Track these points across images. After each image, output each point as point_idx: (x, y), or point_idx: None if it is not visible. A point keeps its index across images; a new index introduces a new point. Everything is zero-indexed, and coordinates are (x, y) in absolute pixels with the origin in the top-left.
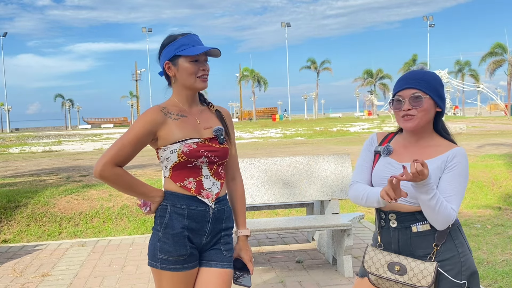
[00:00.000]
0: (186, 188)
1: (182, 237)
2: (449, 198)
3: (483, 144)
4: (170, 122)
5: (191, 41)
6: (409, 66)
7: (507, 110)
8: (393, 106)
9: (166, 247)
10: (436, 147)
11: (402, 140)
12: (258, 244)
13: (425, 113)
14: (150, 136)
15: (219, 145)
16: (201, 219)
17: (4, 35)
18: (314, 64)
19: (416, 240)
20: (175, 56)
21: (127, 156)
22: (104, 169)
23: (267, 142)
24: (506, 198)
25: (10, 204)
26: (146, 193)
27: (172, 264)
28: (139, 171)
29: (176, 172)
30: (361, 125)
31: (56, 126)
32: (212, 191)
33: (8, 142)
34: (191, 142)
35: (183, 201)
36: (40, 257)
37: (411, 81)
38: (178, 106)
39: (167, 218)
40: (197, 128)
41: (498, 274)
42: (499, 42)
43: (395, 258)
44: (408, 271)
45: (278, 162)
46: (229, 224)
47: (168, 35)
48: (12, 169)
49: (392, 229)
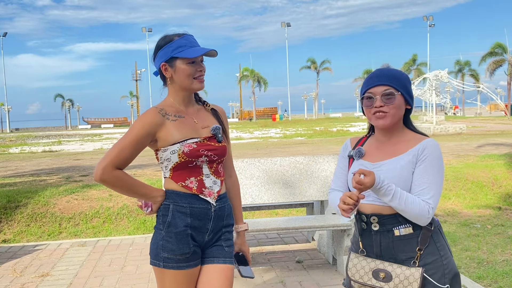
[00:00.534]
0: (187, 187)
1: (185, 235)
2: (422, 191)
3: (483, 144)
4: (168, 124)
5: (188, 42)
6: (409, 66)
7: (507, 110)
8: (363, 104)
9: (170, 246)
10: (406, 142)
11: (375, 141)
12: (258, 244)
13: (396, 110)
14: (149, 138)
15: (217, 144)
16: (204, 217)
17: (4, 35)
18: (314, 64)
19: (399, 244)
20: (172, 58)
21: (126, 158)
22: (104, 172)
23: (267, 142)
24: (506, 198)
25: (10, 204)
26: (147, 194)
27: (175, 263)
28: (139, 171)
29: (177, 173)
30: (361, 125)
31: (56, 126)
32: (214, 189)
33: (8, 142)
34: (191, 142)
35: (185, 200)
36: (40, 257)
37: (382, 78)
38: (175, 107)
39: (170, 217)
40: (195, 128)
41: (498, 274)
42: (499, 42)
43: (380, 264)
44: (393, 278)
45: (278, 162)
46: (230, 221)
47: (163, 35)
48: (12, 169)
49: (374, 232)
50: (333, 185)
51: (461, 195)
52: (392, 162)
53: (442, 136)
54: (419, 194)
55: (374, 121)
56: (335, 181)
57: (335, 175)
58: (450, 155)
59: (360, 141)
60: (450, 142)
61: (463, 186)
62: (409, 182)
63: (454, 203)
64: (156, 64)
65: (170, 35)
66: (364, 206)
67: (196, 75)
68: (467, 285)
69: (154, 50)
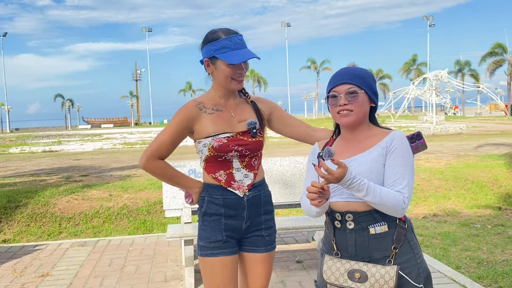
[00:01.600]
0: (217, 179)
1: (218, 223)
2: (395, 181)
3: (483, 144)
4: (204, 117)
5: (232, 44)
6: (409, 66)
7: (507, 110)
8: (329, 103)
9: (205, 234)
10: (373, 137)
11: (342, 140)
12: None
13: (360, 108)
14: (187, 131)
15: (251, 139)
16: (237, 206)
17: (4, 35)
18: (314, 64)
19: (374, 242)
20: (214, 57)
21: (167, 150)
22: (147, 163)
23: (267, 142)
24: (506, 198)
25: (10, 204)
26: (186, 184)
27: (209, 250)
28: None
29: (209, 164)
30: None
31: (56, 126)
32: (244, 183)
33: (8, 142)
34: (222, 136)
35: (217, 192)
36: (40, 257)
37: (346, 76)
38: (215, 100)
39: (205, 207)
40: (231, 122)
41: (498, 274)
42: (499, 42)
43: (355, 265)
44: (369, 277)
45: (278, 162)
46: (269, 207)
47: (213, 30)
48: (12, 169)
49: (348, 230)
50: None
51: (461, 195)
52: (361, 156)
53: (442, 136)
54: (392, 185)
55: (339, 119)
56: (305, 186)
57: (306, 179)
58: (450, 155)
59: (328, 143)
60: (450, 142)
61: (463, 186)
62: (381, 175)
63: (454, 203)
64: (202, 55)
65: (217, 31)
66: (338, 204)
67: (235, 76)
68: (467, 285)
69: (202, 41)
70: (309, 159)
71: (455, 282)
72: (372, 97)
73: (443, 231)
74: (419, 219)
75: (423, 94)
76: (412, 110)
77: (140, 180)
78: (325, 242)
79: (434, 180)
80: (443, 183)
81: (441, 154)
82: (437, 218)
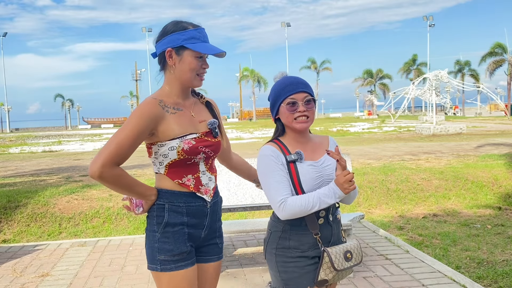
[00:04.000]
0: (184, 185)
1: (182, 234)
2: None
3: (483, 144)
4: (168, 117)
5: (201, 36)
6: (409, 66)
7: (507, 110)
8: (286, 109)
9: (166, 247)
10: (320, 141)
11: (295, 143)
12: (258, 244)
13: (313, 115)
14: (148, 131)
15: (214, 139)
16: (200, 214)
17: (4, 35)
18: (314, 64)
19: (339, 226)
20: (182, 46)
21: (125, 154)
22: (103, 170)
23: (266, 142)
24: (506, 198)
25: (10, 204)
26: (142, 192)
27: (173, 263)
28: (139, 171)
29: (173, 169)
30: (361, 125)
31: (56, 126)
32: (209, 186)
33: (8, 142)
34: (190, 138)
35: (181, 199)
36: (40, 257)
37: (301, 85)
38: (173, 98)
39: (166, 217)
40: (193, 122)
41: (498, 274)
42: (499, 42)
43: (344, 247)
44: (353, 254)
45: None
46: (220, 213)
47: (176, 20)
48: (12, 169)
49: (331, 223)
50: (283, 195)
51: (461, 195)
52: (328, 158)
53: (442, 136)
54: None
55: (296, 124)
56: (282, 190)
57: (279, 185)
58: (450, 155)
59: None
60: (450, 142)
61: (463, 186)
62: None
63: (454, 203)
64: (159, 47)
65: (184, 22)
66: None
67: (199, 72)
68: (467, 285)
69: (161, 32)
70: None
71: (455, 282)
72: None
73: (443, 231)
74: (419, 219)
75: (423, 94)
76: (412, 110)
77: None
78: (298, 245)
79: (434, 180)
80: (443, 183)
81: (441, 154)
82: (437, 218)
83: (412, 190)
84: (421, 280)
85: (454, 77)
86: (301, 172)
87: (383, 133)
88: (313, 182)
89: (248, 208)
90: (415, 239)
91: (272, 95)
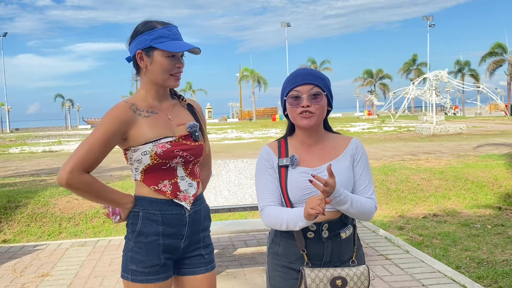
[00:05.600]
0: (161, 191)
1: (156, 245)
2: (364, 189)
3: (483, 144)
4: (140, 121)
5: (171, 34)
6: (409, 66)
7: (507, 110)
8: (289, 103)
9: (138, 257)
10: (336, 143)
11: (300, 145)
12: (258, 244)
13: (321, 110)
14: (119, 136)
15: (194, 143)
16: (177, 223)
17: (4, 35)
18: (314, 64)
19: (344, 245)
20: (150, 47)
21: (95, 160)
22: (71, 176)
23: (267, 142)
24: (506, 198)
25: (10, 204)
26: (116, 200)
27: (143, 276)
28: None
29: (148, 175)
30: (361, 125)
31: (56, 126)
32: (189, 192)
33: (8, 142)
34: (164, 141)
35: (156, 206)
36: (40, 257)
37: (308, 77)
38: (148, 101)
39: (139, 226)
40: (169, 126)
41: (498, 274)
42: (499, 42)
43: (334, 272)
44: (348, 281)
45: None
46: (207, 223)
47: (145, 20)
48: (12, 169)
49: (324, 239)
50: (266, 201)
51: (461, 195)
52: (334, 165)
53: (442, 136)
54: (362, 193)
55: (299, 121)
56: (267, 196)
57: (264, 189)
58: (450, 155)
59: (281, 146)
60: (450, 142)
61: (463, 186)
62: (352, 182)
63: (454, 203)
64: (131, 50)
65: (153, 21)
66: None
67: (173, 71)
68: (467, 285)
69: (132, 34)
70: (263, 165)
71: (455, 282)
72: (331, 101)
73: (443, 231)
74: (419, 219)
75: (423, 94)
76: (412, 110)
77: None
78: (286, 254)
79: (434, 180)
80: (443, 183)
81: (441, 154)
82: (437, 218)
83: (412, 190)
84: (421, 280)
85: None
86: (289, 179)
87: (383, 133)
88: (301, 192)
89: (248, 208)
90: (415, 239)
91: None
